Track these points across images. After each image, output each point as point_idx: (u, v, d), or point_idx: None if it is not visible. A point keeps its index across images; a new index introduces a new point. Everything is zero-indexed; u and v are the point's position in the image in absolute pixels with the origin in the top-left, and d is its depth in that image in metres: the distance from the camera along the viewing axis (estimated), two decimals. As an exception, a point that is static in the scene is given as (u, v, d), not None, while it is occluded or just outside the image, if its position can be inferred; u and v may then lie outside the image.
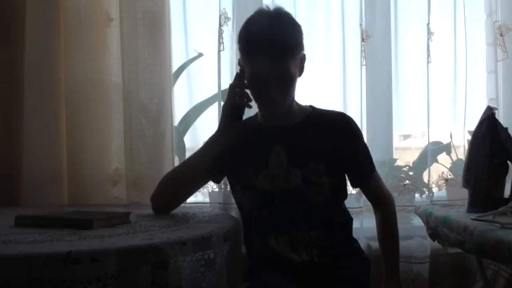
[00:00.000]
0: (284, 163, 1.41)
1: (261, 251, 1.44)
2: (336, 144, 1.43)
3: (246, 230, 1.48)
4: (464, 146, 1.99)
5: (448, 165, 2.03)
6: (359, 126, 1.91)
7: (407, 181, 1.97)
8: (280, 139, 1.43)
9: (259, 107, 1.45)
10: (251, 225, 1.46)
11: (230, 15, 1.87)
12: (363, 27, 1.97)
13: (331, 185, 1.43)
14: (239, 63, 1.43)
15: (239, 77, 1.39)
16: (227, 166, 1.49)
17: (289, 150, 1.42)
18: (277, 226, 1.41)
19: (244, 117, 1.45)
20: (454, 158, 2.04)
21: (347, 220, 1.52)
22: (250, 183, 1.43)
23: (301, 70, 1.42)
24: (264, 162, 1.42)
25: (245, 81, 1.38)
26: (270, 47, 1.32)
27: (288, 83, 1.37)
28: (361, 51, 1.96)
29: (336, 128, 1.45)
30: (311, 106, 1.52)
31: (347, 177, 1.53)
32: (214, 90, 1.91)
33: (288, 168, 1.41)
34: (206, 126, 1.93)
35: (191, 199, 1.73)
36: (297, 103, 1.49)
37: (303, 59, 1.42)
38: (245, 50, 1.38)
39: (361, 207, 1.93)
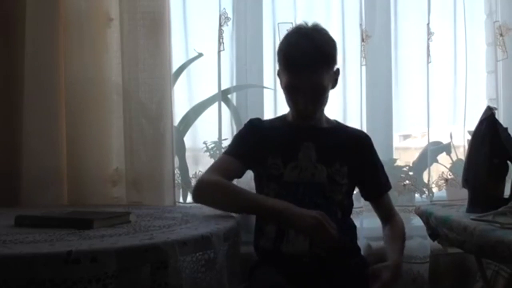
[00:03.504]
0: (313, 158, 1.51)
1: (272, 244, 1.46)
2: (358, 153, 1.56)
3: (261, 222, 1.51)
4: (464, 146, 1.99)
5: (448, 165, 2.03)
6: (359, 126, 1.93)
7: (407, 181, 1.97)
8: (311, 136, 1.53)
9: (292, 111, 1.56)
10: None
11: (230, 15, 1.87)
12: (363, 27, 1.97)
13: (348, 189, 1.55)
14: (278, 74, 1.56)
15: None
16: (256, 158, 1.53)
17: (318, 147, 1.52)
18: None
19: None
20: (454, 158, 2.04)
21: (353, 226, 1.60)
22: (277, 172, 1.50)
23: (334, 83, 1.54)
24: (294, 154, 1.51)
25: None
26: (306, 60, 1.44)
27: (319, 94, 1.48)
28: (361, 51, 1.96)
29: (359, 141, 1.60)
30: (335, 121, 1.65)
31: (360, 190, 1.66)
32: (214, 90, 1.91)
33: (316, 163, 1.50)
34: (206, 126, 1.94)
35: (191, 199, 1.73)
36: (325, 115, 1.60)
37: (337, 72, 1.54)
38: (284, 61, 1.49)
39: (361, 207, 1.93)
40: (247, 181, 1.67)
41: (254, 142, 1.54)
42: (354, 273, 1.44)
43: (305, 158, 1.51)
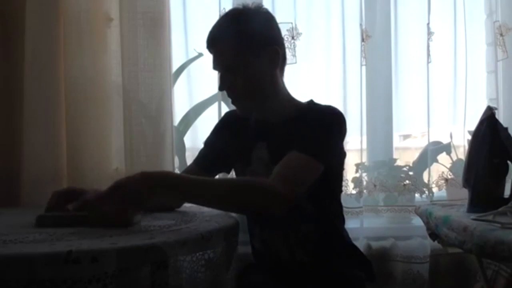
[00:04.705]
0: (264, 160, 1.39)
1: (261, 246, 1.45)
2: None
3: (249, 224, 1.50)
4: (464, 146, 1.99)
5: (448, 165, 2.03)
6: (359, 126, 1.92)
7: (407, 181, 1.97)
8: (264, 135, 1.41)
9: None
10: (253, 218, 1.47)
11: (230, 15, 1.87)
12: (363, 27, 1.97)
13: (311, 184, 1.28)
14: None
15: None
16: (226, 159, 1.50)
17: (270, 147, 1.39)
18: (270, 221, 1.41)
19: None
20: (454, 158, 2.04)
21: (337, 215, 1.46)
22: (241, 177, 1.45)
23: (271, 64, 1.36)
24: (249, 157, 1.42)
25: None
26: (210, 37, 1.38)
27: (230, 72, 1.35)
28: (361, 51, 1.97)
29: (316, 120, 1.33)
30: (309, 102, 1.43)
31: None
32: (214, 90, 1.91)
33: (269, 164, 1.35)
34: (206, 126, 1.93)
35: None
36: (289, 99, 1.43)
37: (270, 52, 1.35)
38: None
39: (361, 207, 1.93)
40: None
41: (222, 145, 1.48)
42: (345, 278, 1.40)
43: (258, 161, 1.39)
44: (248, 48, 1.33)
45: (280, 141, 1.33)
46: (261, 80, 1.36)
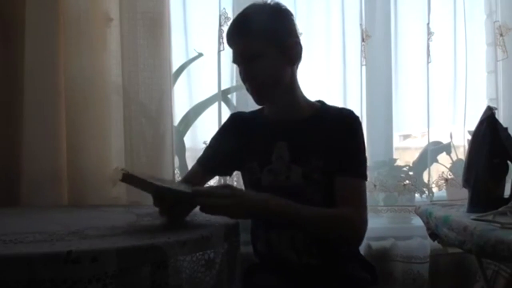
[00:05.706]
0: (285, 159, 1.40)
1: (265, 248, 1.44)
2: (336, 141, 1.38)
3: (252, 225, 1.49)
4: (464, 146, 1.99)
5: (448, 165, 2.03)
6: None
7: (407, 181, 1.97)
8: (283, 134, 1.42)
9: None
10: (258, 220, 1.46)
11: (230, 15, 1.87)
12: (363, 27, 1.98)
13: (326, 186, 1.37)
14: None
15: None
16: (233, 163, 1.50)
17: (291, 146, 1.40)
18: (276, 224, 1.40)
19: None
20: (454, 158, 2.04)
21: None
22: (255, 177, 1.43)
23: (290, 57, 1.41)
24: (268, 157, 1.41)
25: None
26: (232, 28, 1.42)
27: (250, 60, 1.38)
28: (361, 51, 1.97)
29: (338, 125, 1.40)
30: (320, 102, 1.49)
31: None
32: (214, 90, 1.91)
33: (290, 164, 1.39)
34: (206, 126, 1.94)
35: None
36: (304, 99, 1.47)
37: (293, 45, 1.41)
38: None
39: (361, 207, 1.93)
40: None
41: (230, 147, 1.48)
42: (351, 279, 1.40)
43: (278, 160, 1.40)
44: (273, 38, 1.37)
45: (300, 140, 1.40)
46: (282, 71, 1.41)
